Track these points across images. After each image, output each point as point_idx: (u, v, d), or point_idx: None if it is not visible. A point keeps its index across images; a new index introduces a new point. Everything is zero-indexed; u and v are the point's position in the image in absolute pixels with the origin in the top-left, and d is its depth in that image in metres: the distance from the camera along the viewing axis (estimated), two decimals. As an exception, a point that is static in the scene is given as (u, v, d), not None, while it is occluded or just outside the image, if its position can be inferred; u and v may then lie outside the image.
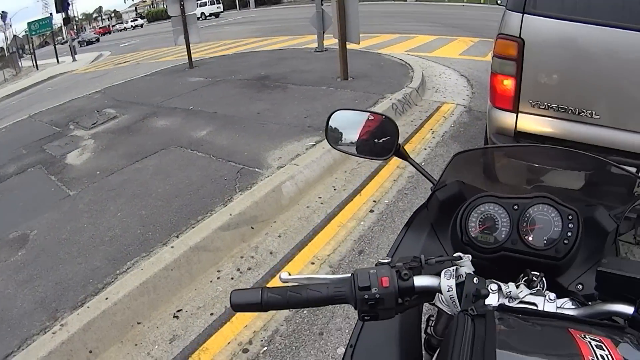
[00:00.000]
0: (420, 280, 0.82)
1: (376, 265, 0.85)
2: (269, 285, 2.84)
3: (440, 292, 0.83)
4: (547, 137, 2.90)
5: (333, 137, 1.35)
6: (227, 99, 7.13)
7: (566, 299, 0.83)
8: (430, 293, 0.85)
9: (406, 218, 3.54)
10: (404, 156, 1.27)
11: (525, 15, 2.72)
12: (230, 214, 3.45)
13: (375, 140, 1.28)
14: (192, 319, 2.76)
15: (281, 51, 11.78)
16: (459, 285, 0.81)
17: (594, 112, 2.69)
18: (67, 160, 5.44)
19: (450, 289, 0.81)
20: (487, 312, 0.73)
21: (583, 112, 2.72)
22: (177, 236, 3.29)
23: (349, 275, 0.83)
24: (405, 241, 1.13)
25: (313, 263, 3.11)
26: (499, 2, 6.31)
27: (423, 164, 4.36)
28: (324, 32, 9.72)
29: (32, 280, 3.09)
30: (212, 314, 2.77)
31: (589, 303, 0.82)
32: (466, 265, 0.85)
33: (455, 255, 0.87)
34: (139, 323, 2.74)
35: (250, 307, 0.82)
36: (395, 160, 3.47)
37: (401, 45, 11.37)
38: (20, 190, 4.85)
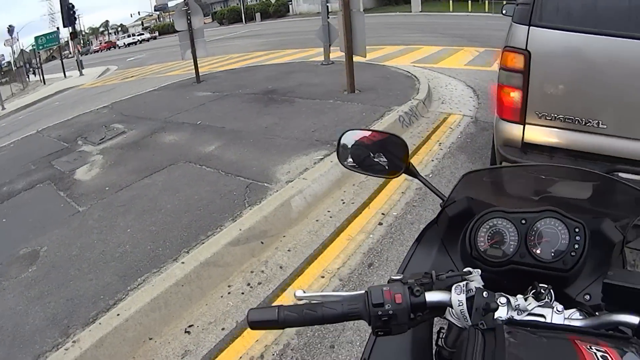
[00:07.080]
0: (431, 296, 0.85)
1: (388, 282, 0.88)
2: (279, 302, 2.86)
3: (451, 306, 0.85)
4: (554, 147, 2.91)
5: (344, 156, 1.37)
6: (234, 113, 7.18)
7: (574, 309, 0.85)
8: (441, 307, 0.87)
9: (415, 230, 3.52)
10: (414, 174, 1.29)
11: (531, 27, 2.74)
12: (240, 229, 3.46)
13: (385, 158, 1.31)
14: (204, 334, 2.77)
15: (288, 65, 11.89)
16: (469, 300, 0.84)
17: (600, 121, 2.71)
18: (75, 176, 5.49)
19: (460, 304, 0.83)
20: (496, 326, 0.77)
21: (590, 122, 2.73)
22: (188, 252, 3.31)
23: (363, 292, 0.85)
24: (415, 256, 1.15)
25: (323, 277, 3.12)
26: (503, 12, 6.32)
27: (430, 175, 4.38)
28: (330, 45, 9.80)
29: (44, 297, 3.11)
30: (223, 329, 2.78)
31: (596, 313, 0.84)
32: (476, 280, 0.87)
33: (465, 270, 0.89)
34: (150, 339, 2.75)
35: (267, 324, 0.85)
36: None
37: (406, 57, 11.42)
38: (29, 206, 4.89)
